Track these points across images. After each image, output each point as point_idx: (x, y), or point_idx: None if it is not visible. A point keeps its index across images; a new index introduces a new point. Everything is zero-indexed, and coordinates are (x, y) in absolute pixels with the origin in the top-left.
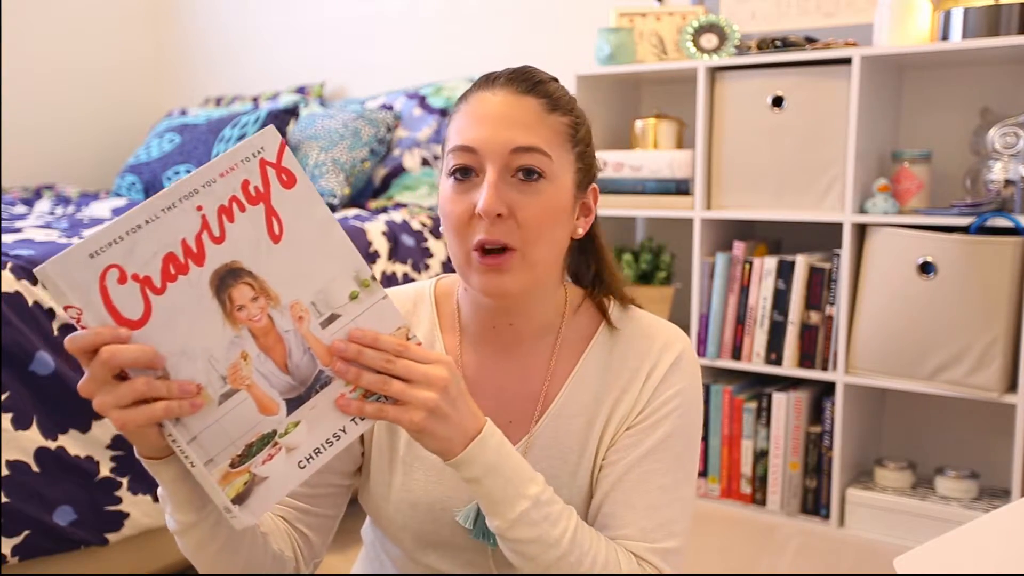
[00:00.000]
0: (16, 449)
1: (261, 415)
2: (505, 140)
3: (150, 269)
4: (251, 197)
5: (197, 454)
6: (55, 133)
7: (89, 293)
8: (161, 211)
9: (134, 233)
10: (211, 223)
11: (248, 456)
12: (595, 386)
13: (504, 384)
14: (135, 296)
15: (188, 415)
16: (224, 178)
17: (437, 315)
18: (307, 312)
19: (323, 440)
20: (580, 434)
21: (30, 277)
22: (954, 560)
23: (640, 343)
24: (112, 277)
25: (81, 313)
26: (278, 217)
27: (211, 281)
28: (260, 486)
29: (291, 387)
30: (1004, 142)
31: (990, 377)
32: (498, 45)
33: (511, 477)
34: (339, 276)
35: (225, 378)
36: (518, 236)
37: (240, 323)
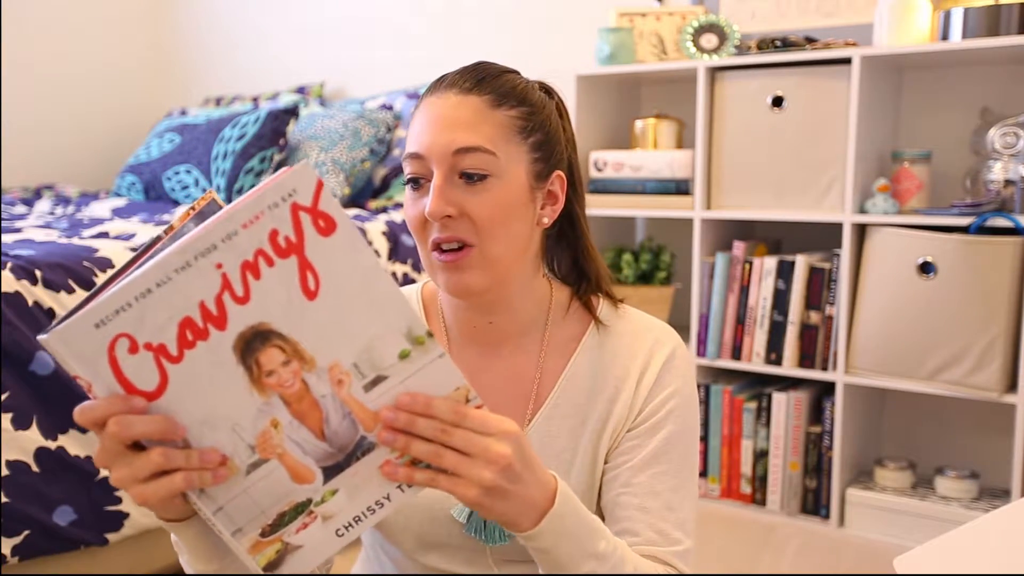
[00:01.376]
0: (16, 449)
1: (294, 484)
2: (446, 142)
3: (164, 336)
4: (280, 249)
5: (224, 524)
6: (55, 133)
7: (97, 365)
8: (174, 271)
9: (144, 298)
10: (233, 282)
11: (280, 525)
12: (587, 385)
13: (493, 384)
14: (149, 366)
15: (211, 486)
16: (247, 229)
17: (426, 318)
18: (348, 375)
19: (364, 508)
20: (573, 433)
21: (30, 277)
22: (954, 560)
23: (631, 341)
24: (122, 347)
25: (91, 384)
26: (313, 270)
27: (235, 346)
28: (293, 555)
29: (328, 455)
30: (1004, 142)
31: (990, 377)
32: (498, 45)
33: (580, 541)
34: (386, 333)
35: (253, 447)
36: (473, 233)
37: (270, 390)
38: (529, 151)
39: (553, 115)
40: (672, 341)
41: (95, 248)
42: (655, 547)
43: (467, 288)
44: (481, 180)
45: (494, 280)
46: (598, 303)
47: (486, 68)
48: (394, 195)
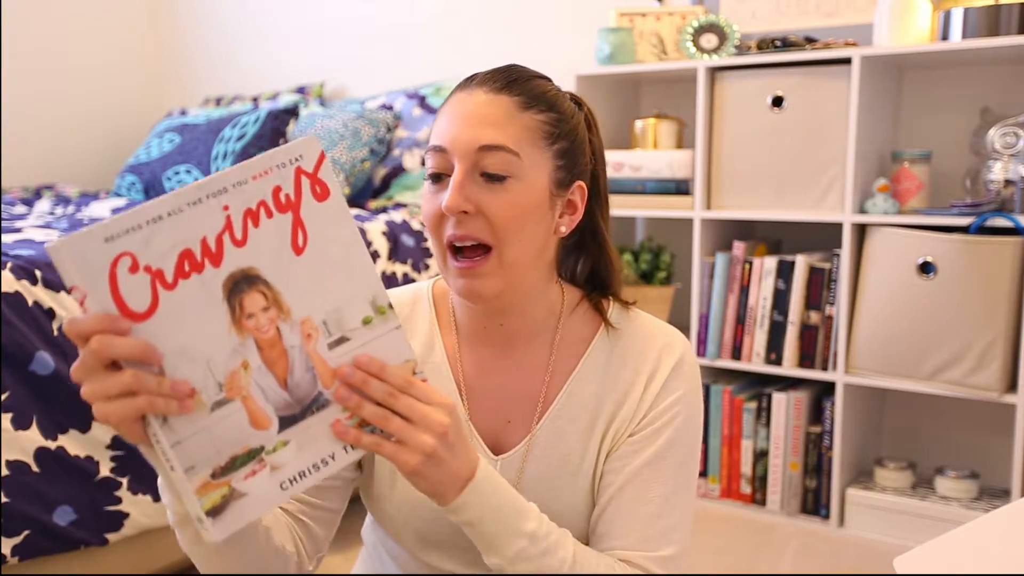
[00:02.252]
0: (16, 449)
1: (252, 429)
2: (471, 138)
3: (164, 263)
4: (280, 205)
5: (180, 459)
6: (55, 133)
7: (97, 277)
8: (186, 205)
9: (154, 224)
10: (235, 225)
11: (231, 469)
12: (595, 387)
13: (503, 384)
14: (144, 288)
15: (176, 415)
16: (256, 181)
17: (436, 316)
18: (316, 331)
19: (310, 464)
20: (582, 435)
21: (30, 277)
22: (954, 560)
23: (640, 345)
24: (124, 265)
25: (85, 296)
26: (304, 229)
27: (224, 284)
28: (238, 502)
29: (287, 404)
30: (1004, 142)
31: (990, 377)
32: (498, 45)
33: (506, 518)
34: (355, 299)
35: (222, 385)
36: (490, 233)
37: (247, 331)
38: (553, 158)
39: (581, 125)
40: (681, 346)
41: None
42: (633, 552)
43: (481, 294)
44: (501, 180)
45: (508, 285)
46: (608, 305)
47: (519, 70)
48: (394, 195)
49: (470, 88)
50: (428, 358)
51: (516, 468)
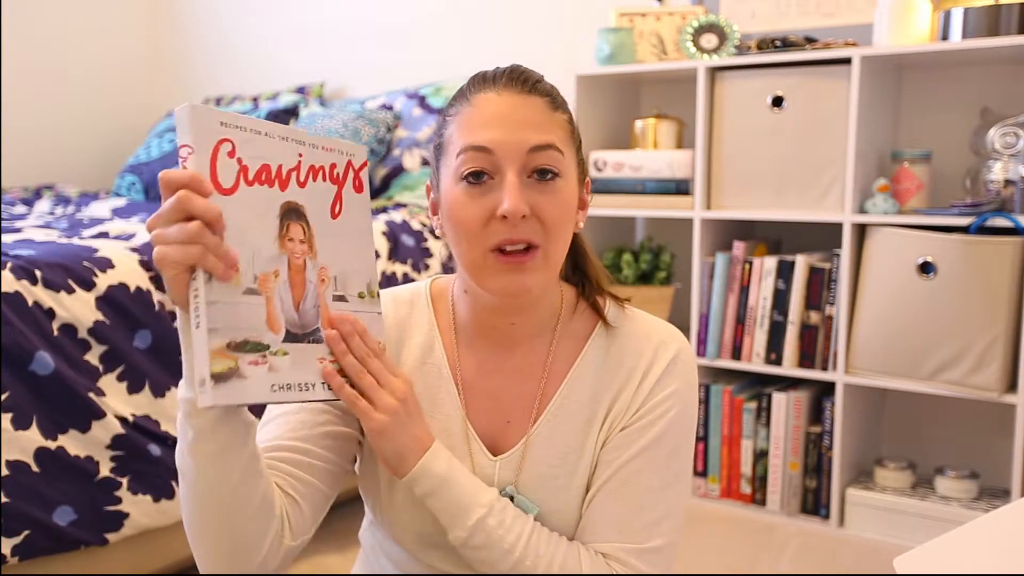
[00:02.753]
0: (16, 449)
1: (266, 327)
2: (521, 140)
3: (251, 164)
4: (332, 177)
5: (209, 318)
6: (55, 133)
7: (207, 144)
8: (279, 137)
9: (254, 134)
10: (302, 169)
11: (242, 349)
12: (592, 385)
13: (502, 385)
14: (231, 173)
15: (218, 277)
16: (324, 151)
17: (435, 316)
18: (328, 280)
19: (298, 382)
20: (579, 434)
21: (30, 277)
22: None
23: (637, 342)
24: (224, 148)
25: (192, 153)
26: (341, 203)
27: (282, 206)
28: (238, 380)
29: (294, 323)
30: (1004, 142)
31: (990, 377)
32: (498, 45)
33: (465, 487)
34: (359, 273)
35: (256, 278)
36: (541, 234)
37: (285, 249)
38: (575, 155)
39: None
40: (677, 343)
41: (95, 248)
42: (614, 544)
43: (527, 290)
44: (552, 179)
45: (549, 282)
46: (605, 304)
47: (531, 73)
48: (394, 195)
49: (495, 89)
50: (427, 359)
51: (515, 468)
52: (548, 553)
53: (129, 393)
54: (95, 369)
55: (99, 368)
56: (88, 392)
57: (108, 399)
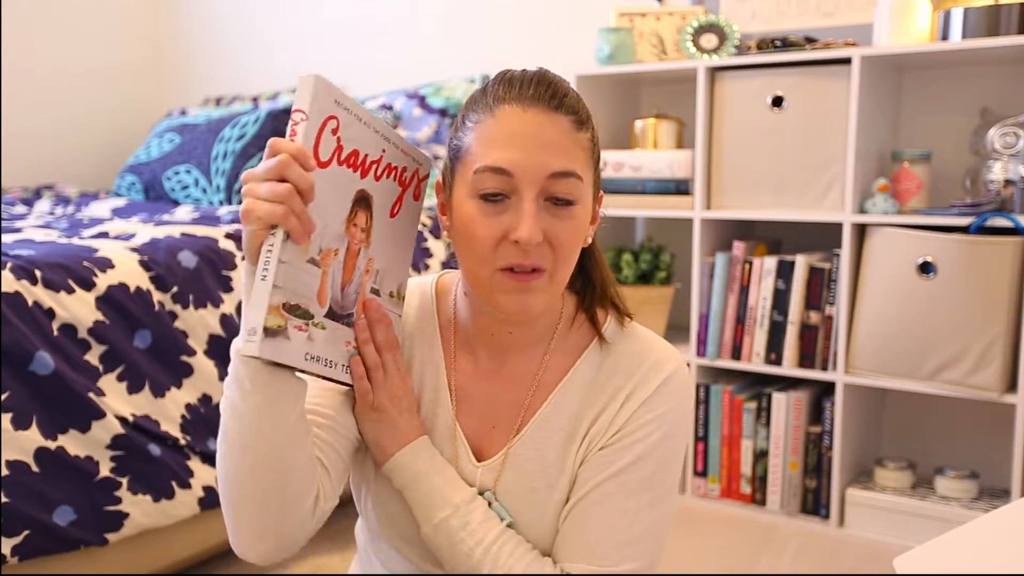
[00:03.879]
0: (16, 449)
1: (315, 298)
2: (542, 164)
3: (345, 145)
4: (400, 179)
5: (276, 274)
6: (55, 133)
7: (319, 114)
8: (373, 128)
9: (356, 120)
10: (381, 165)
11: (293, 312)
12: (578, 400)
13: (493, 390)
14: (331, 148)
15: (295, 239)
16: (401, 153)
17: (437, 313)
18: (373, 271)
19: (326, 356)
20: (560, 448)
21: (30, 277)
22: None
23: (629, 361)
24: (331, 125)
25: (304, 120)
26: (401, 205)
27: (356, 192)
28: (284, 339)
29: (337, 303)
30: (1004, 142)
31: (990, 377)
32: (498, 45)
33: (438, 485)
34: (394, 275)
35: (321, 250)
36: (551, 260)
37: (349, 232)
38: (592, 175)
39: None
40: (671, 365)
41: (95, 248)
42: (581, 564)
43: (532, 310)
44: (569, 206)
45: (553, 301)
46: (605, 318)
47: (560, 84)
48: None
49: (522, 103)
50: (425, 355)
51: (494, 475)
52: (509, 563)
53: (129, 393)
54: (95, 369)
55: (99, 368)
56: (88, 392)
57: (108, 399)
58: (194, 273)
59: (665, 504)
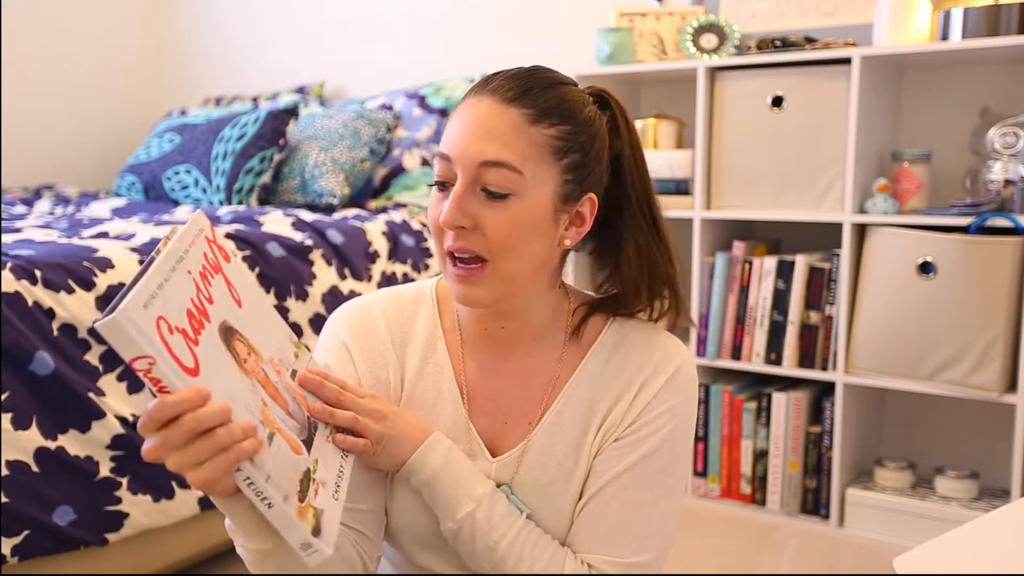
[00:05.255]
0: (16, 449)
1: (294, 455)
2: (475, 153)
3: (183, 322)
4: (213, 266)
5: (274, 492)
6: (55, 133)
7: (155, 341)
8: (169, 271)
9: (161, 289)
10: (201, 286)
11: (304, 492)
12: (590, 394)
13: (503, 387)
14: (183, 346)
15: (258, 452)
16: (192, 248)
17: (439, 316)
18: (281, 367)
19: (336, 474)
20: (575, 442)
21: (30, 277)
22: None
23: (638, 354)
24: (163, 327)
25: (154, 363)
26: (231, 285)
27: (220, 335)
28: (323, 517)
29: (299, 430)
30: (1004, 142)
31: (990, 377)
32: (498, 45)
33: (460, 479)
34: (283, 336)
35: (262, 422)
36: (486, 248)
37: (250, 374)
38: (561, 172)
39: (599, 135)
40: (680, 358)
41: (95, 248)
42: (598, 556)
43: (476, 302)
44: (502, 198)
45: (504, 295)
46: (615, 312)
47: (537, 78)
48: (394, 195)
49: (482, 94)
50: (430, 359)
51: (511, 471)
52: (531, 556)
53: (129, 393)
54: (95, 369)
55: (99, 368)
56: (88, 392)
57: (108, 399)
58: None
59: (676, 495)
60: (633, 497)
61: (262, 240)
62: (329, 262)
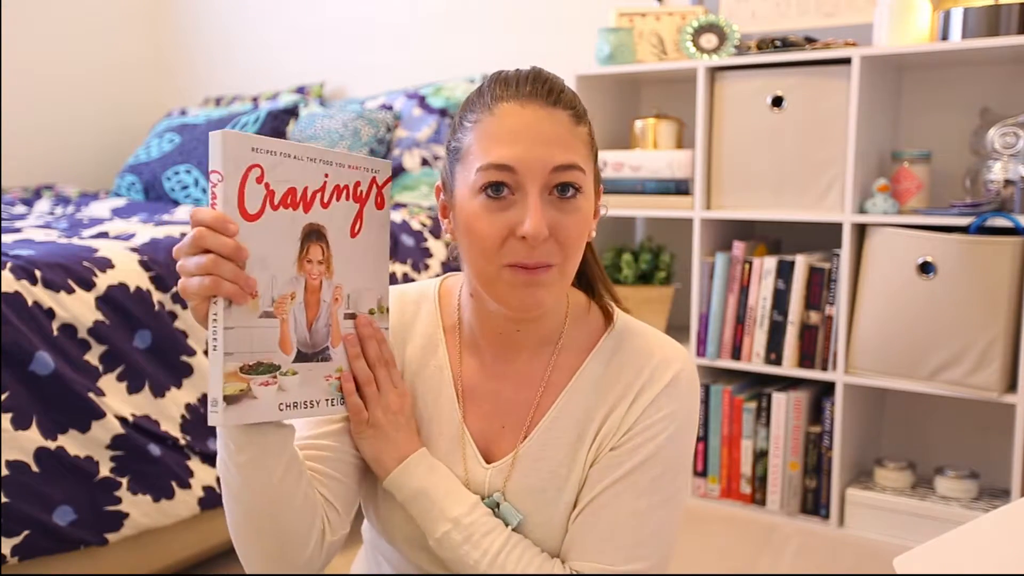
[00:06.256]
0: (16, 449)
1: (278, 348)
2: (545, 158)
3: (277, 188)
4: (355, 195)
5: (225, 341)
6: (55, 133)
7: (237, 170)
8: (308, 159)
9: (283, 157)
10: (327, 190)
11: (254, 371)
12: (587, 400)
13: (502, 391)
14: (259, 198)
15: (237, 302)
16: (350, 170)
17: (441, 316)
18: (341, 298)
19: (303, 400)
20: (570, 448)
21: (30, 277)
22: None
23: (637, 359)
24: (254, 173)
25: (222, 180)
26: (362, 222)
27: (304, 228)
28: (249, 401)
29: (306, 344)
30: (1004, 142)
31: (990, 377)
32: (498, 45)
33: (437, 500)
34: (372, 291)
35: (274, 300)
36: (558, 254)
37: (304, 271)
38: (593, 168)
39: None
40: (679, 364)
41: (95, 248)
42: (591, 563)
43: (541, 305)
44: (573, 199)
45: (561, 296)
46: (614, 315)
47: (555, 81)
48: (394, 195)
49: (519, 100)
50: (430, 360)
51: (504, 477)
52: (517, 568)
53: (129, 393)
54: (95, 369)
55: (99, 368)
56: (88, 392)
57: (108, 399)
58: None
59: (675, 503)
60: (626, 505)
61: None
62: None
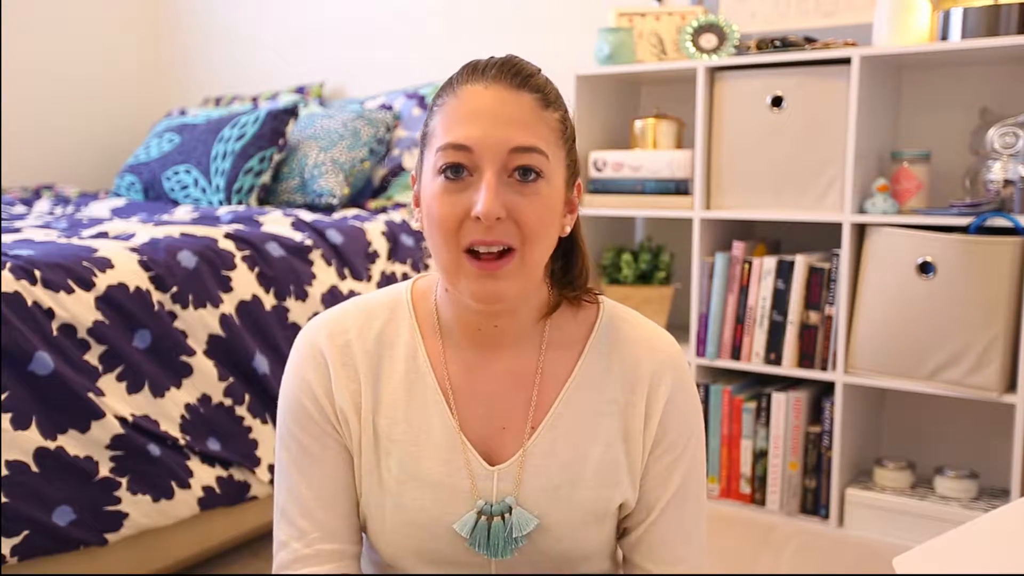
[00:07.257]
0: (15, 449)
1: None
2: (503, 139)
3: None
4: None
5: None
6: (55, 133)
7: None
8: None
9: None
10: None
11: None
12: (593, 395)
13: (493, 390)
14: None
15: None
16: None
17: (416, 320)
18: None
19: None
20: (581, 444)
21: (30, 277)
22: (953, 560)
23: (635, 350)
24: None
25: None
26: None
27: None
28: None
29: None
30: (1003, 142)
31: (989, 377)
32: (498, 45)
33: None
34: None
35: None
36: (517, 237)
37: None
38: (565, 157)
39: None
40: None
41: (94, 248)
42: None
43: (501, 296)
44: (533, 182)
45: (525, 287)
46: (602, 305)
47: (526, 64)
48: (394, 195)
49: (484, 82)
50: (411, 368)
51: (514, 478)
52: None
53: (128, 393)
54: (94, 369)
55: (98, 368)
56: (87, 392)
57: (107, 399)
58: (193, 273)
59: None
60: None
61: (262, 240)
62: (329, 262)
